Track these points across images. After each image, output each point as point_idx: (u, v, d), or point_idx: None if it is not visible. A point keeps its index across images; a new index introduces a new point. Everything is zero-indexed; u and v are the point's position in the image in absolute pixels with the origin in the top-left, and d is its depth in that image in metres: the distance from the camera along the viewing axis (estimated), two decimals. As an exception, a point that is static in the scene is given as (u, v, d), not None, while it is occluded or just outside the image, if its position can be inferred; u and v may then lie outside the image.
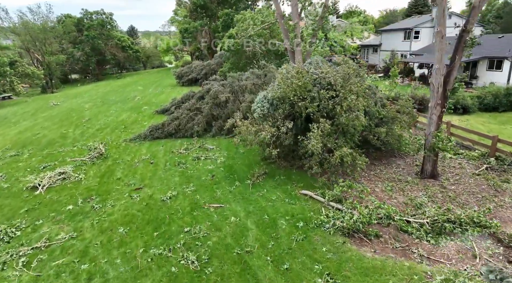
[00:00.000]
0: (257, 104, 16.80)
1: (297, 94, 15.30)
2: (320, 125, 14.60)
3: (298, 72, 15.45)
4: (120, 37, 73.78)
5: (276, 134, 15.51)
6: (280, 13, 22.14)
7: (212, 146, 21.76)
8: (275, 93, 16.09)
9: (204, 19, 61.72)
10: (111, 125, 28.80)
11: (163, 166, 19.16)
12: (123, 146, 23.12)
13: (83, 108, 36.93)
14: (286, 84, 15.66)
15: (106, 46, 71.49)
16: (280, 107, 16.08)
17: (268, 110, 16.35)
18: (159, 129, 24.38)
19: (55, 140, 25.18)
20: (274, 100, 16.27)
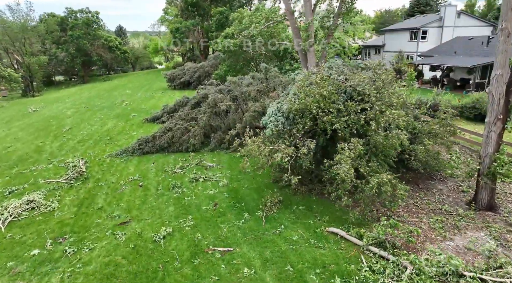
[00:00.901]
0: (269, 118, 13.89)
1: (321, 106, 12.45)
2: (350, 146, 11.78)
3: (322, 79, 12.58)
4: (107, 37, 70.16)
5: (294, 156, 12.63)
6: (289, 10, 19.33)
7: (212, 164, 18.80)
8: (292, 105, 13.19)
9: (196, 18, 58.64)
10: (95, 136, 25.62)
11: (154, 190, 16.13)
12: (107, 163, 20.02)
13: (65, 115, 33.60)
14: (306, 94, 12.80)
15: (92, 46, 67.80)
16: (299, 122, 13.17)
17: (283, 126, 13.45)
18: (149, 142, 21.33)
19: (28, 156, 21.93)
20: (290, 114, 13.37)
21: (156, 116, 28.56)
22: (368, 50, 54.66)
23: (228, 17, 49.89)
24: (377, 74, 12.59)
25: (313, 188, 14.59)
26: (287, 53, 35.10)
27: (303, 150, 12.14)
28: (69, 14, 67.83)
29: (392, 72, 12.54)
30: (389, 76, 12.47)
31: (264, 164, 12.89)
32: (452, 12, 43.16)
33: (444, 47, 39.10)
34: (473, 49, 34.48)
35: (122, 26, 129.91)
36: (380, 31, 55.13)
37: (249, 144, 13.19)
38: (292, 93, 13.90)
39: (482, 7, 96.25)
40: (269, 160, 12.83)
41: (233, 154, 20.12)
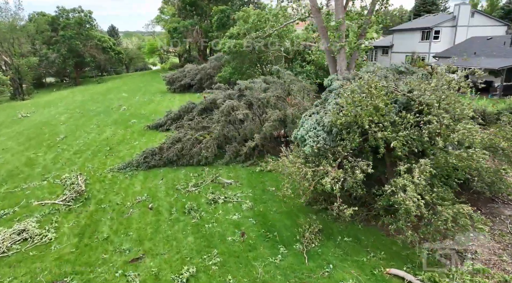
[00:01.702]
0: (307, 133, 11.81)
1: (374, 120, 10.42)
2: (415, 168, 9.77)
3: (376, 87, 10.54)
4: (100, 37, 67.61)
5: (342, 179, 10.55)
6: (315, 6, 17.32)
7: (229, 180, 16.68)
8: (336, 118, 11.11)
9: (195, 18, 56.46)
10: (93, 146, 23.34)
11: (167, 215, 13.98)
12: (109, 179, 17.80)
13: (58, 121, 31.21)
14: (356, 104, 10.75)
15: (85, 47, 65.23)
16: (345, 138, 11.11)
17: (325, 142, 11.38)
18: (155, 155, 19.14)
19: (18, 170, 19.61)
20: (334, 128, 11.31)
21: (159, 124, 26.38)
22: (375, 51, 52.90)
23: (230, 16, 47.90)
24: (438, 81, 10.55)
25: (358, 212, 12.54)
26: (297, 55, 33.12)
27: (358, 175, 10.04)
28: (61, 14, 65.26)
29: (463, 79, 10.52)
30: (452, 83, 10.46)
31: (306, 189, 10.79)
32: (466, 11, 41.53)
33: (461, 47, 37.43)
34: (494, 49, 32.82)
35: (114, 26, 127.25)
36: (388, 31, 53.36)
37: (288, 166, 11.08)
38: (333, 103, 11.84)
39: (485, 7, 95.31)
40: (311, 184, 10.75)
41: (251, 168, 18.07)
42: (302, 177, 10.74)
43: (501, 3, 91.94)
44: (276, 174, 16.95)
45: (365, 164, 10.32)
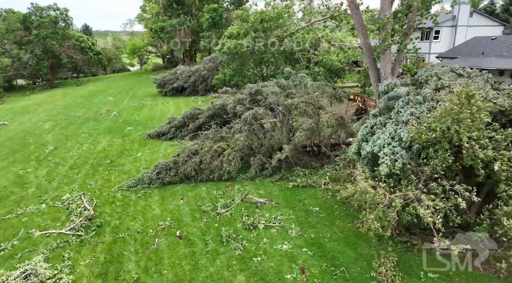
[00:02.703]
0: (380, 149, 10.08)
1: (473, 135, 8.84)
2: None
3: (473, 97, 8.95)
4: (78, 37, 64.00)
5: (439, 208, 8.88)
6: (354, 3, 15.70)
7: (262, 199, 14.81)
8: (420, 133, 9.43)
9: (181, 17, 54.00)
10: (90, 159, 20.91)
11: (202, 245, 11.97)
12: (120, 200, 15.57)
13: (42, 130, 28.36)
14: (445, 117, 9.14)
15: (62, 47, 61.53)
16: (433, 156, 9.45)
17: (404, 161, 9.69)
18: (170, 170, 17.02)
19: (7, 191, 17.01)
20: (415, 144, 9.65)
21: (161, 132, 24.17)
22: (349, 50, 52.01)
23: (223, 15, 45.90)
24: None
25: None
26: (302, 56, 31.54)
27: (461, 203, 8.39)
28: (34, 11, 61.34)
29: None
30: None
31: (391, 221, 9.01)
32: (466, 10, 41.18)
33: (466, 47, 36.84)
34: (504, 50, 32.28)
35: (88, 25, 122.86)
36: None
37: (369, 191, 9.29)
38: (408, 114, 10.20)
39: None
40: (401, 214, 9.04)
41: (282, 183, 16.25)
42: (385, 205, 9.01)
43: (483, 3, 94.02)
44: (314, 191, 15.24)
45: (463, 188, 8.71)
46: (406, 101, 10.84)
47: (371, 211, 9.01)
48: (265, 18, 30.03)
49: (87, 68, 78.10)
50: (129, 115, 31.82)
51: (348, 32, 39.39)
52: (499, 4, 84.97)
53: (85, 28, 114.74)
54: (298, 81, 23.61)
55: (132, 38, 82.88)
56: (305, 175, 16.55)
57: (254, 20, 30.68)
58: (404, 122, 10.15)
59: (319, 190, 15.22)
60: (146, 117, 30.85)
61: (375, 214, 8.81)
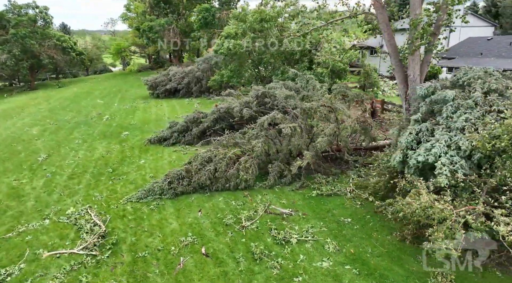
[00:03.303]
0: (436, 158, 9.39)
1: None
2: None
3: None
4: (59, 36, 61.62)
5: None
6: (379, 1, 15.10)
7: (286, 209, 14.00)
8: (483, 141, 8.78)
9: (170, 16, 52.61)
10: (89, 167, 19.64)
11: (233, 264, 11.06)
12: (131, 213, 14.46)
13: (30, 136, 26.72)
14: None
15: (42, 47, 59.09)
16: (500, 166, 8.80)
17: (464, 171, 9.04)
18: (182, 179, 15.99)
19: (3, 205, 15.60)
20: (477, 153, 9.01)
21: (163, 137, 23.03)
22: (361, 52, 51.99)
23: (215, 15, 44.89)
24: None
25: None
26: (303, 56, 30.90)
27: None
28: (11, 9, 58.73)
29: None
30: None
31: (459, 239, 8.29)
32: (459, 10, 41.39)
33: (461, 48, 37.08)
34: (502, 50, 32.57)
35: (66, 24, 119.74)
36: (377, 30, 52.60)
37: (435, 206, 8.53)
38: (463, 120, 9.59)
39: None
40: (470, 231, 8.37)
41: (304, 191, 15.48)
42: (453, 221, 8.31)
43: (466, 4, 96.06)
44: (340, 200, 14.54)
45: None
46: (456, 106, 10.25)
47: (439, 229, 8.29)
48: (265, 18, 29.25)
49: (68, 69, 75.53)
50: (122, 119, 30.44)
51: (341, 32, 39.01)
52: (481, 5, 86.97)
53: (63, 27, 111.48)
54: (305, 83, 22.96)
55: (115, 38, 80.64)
56: (327, 182, 15.84)
57: (253, 20, 29.85)
58: (459, 129, 9.54)
59: (346, 199, 14.53)
60: (141, 121, 29.57)
61: (442, 232, 8.10)
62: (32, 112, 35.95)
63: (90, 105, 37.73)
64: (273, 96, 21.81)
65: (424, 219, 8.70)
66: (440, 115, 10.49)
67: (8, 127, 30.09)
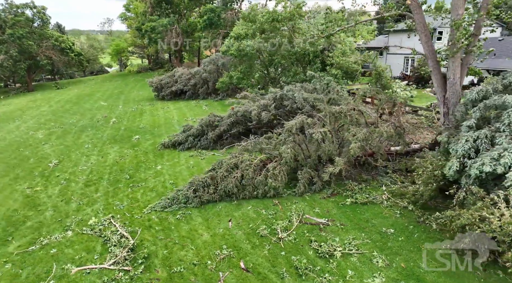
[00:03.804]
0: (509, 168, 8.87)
1: None
2: None
3: None
4: (58, 37, 60.60)
5: None
6: (416, 1, 14.61)
7: (323, 219, 13.43)
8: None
9: (171, 17, 51.82)
10: (104, 174, 18.94)
11: (278, 280, 10.45)
12: (157, 223, 13.80)
13: (37, 140, 25.93)
14: None
15: (40, 48, 58.10)
16: None
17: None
18: (208, 186, 15.36)
19: (20, 215, 14.89)
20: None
21: (177, 141, 22.35)
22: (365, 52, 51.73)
23: (221, 15, 44.27)
24: None
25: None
26: (315, 57, 30.39)
27: None
28: (8, 9, 57.64)
29: None
30: None
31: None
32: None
33: (472, 50, 36.78)
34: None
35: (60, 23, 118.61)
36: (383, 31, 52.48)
37: None
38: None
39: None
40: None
41: (337, 199, 14.91)
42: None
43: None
44: (377, 208, 14.00)
45: None
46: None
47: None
48: (277, 18, 28.70)
49: (65, 70, 74.44)
50: (130, 122, 29.71)
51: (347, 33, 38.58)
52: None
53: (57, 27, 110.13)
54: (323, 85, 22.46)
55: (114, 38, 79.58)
56: (360, 189, 15.28)
57: (264, 20, 29.29)
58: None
59: (382, 207, 13.99)
60: (150, 124, 28.84)
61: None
62: (34, 115, 35.10)
63: (94, 108, 36.93)
64: (292, 99, 21.36)
65: (502, 236, 8.19)
66: (500, 121, 10.00)
67: (11, 130, 29.24)
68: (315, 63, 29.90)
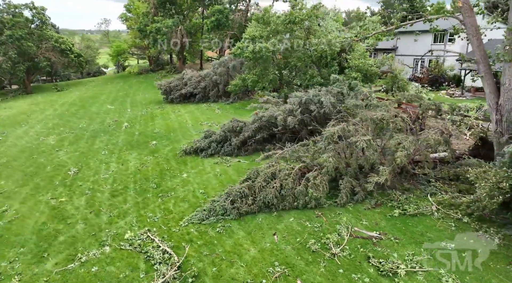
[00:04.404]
0: None
1: None
2: None
3: None
4: (58, 37, 59.43)
5: None
6: (468, 3, 14.19)
7: (374, 232, 12.90)
8: None
9: (175, 17, 51.00)
10: (128, 182, 18.25)
11: (344, 300, 9.91)
12: (197, 237, 13.15)
13: (49, 146, 25.08)
14: None
15: (39, 49, 56.90)
16: None
17: None
18: (246, 197, 14.76)
19: (51, 229, 14.13)
20: None
21: (199, 147, 21.71)
22: (374, 54, 51.48)
23: (229, 17, 43.67)
24: None
25: None
26: (332, 60, 29.92)
27: None
28: (6, 9, 56.44)
29: None
30: None
31: None
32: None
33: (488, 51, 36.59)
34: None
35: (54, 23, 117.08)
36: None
37: None
38: None
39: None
40: None
41: (383, 210, 14.38)
42: None
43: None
44: (429, 220, 13.50)
45: None
46: None
47: None
48: (294, 20, 28.20)
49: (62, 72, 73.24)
50: (143, 127, 28.96)
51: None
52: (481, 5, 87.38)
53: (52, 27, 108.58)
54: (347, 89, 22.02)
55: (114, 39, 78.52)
56: (405, 199, 14.77)
57: (280, 22, 28.80)
58: None
59: (434, 219, 13.49)
60: (164, 129, 28.10)
61: None
62: (40, 119, 34.15)
63: (102, 111, 36.10)
64: (319, 104, 20.87)
65: None
66: None
67: (20, 136, 28.33)
68: (332, 66, 29.42)
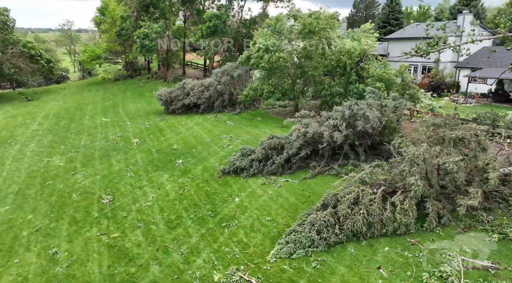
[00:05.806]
0: None
1: None
2: None
3: None
4: (25, 42, 55.19)
5: None
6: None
7: (486, 261, 12.46)
8: None
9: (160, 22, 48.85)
10: (178, 210, 16.79)
11: None
12: (295, 275, 12.10)
13: (60, 168, 22.78)
14: None
15: (5, 55, 52.55)
16: None
17: None
18: (332, 225, 13.91)
19: (118, 271, 12.50)
20: None
21: (239, 167, 20.53)
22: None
23: (226, 22, 42.44)
24: None
25: None
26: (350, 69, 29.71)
27: None
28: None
29: None
30: None
31: None
32: (469, 20, 42.95)
33: (482, 58, 38.12)
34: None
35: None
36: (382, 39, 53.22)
37: None
38: None
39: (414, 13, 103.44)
40: None
41: (477, 234, 14.02)
42: None
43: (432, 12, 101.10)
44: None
45: None
46: None
47: None
48: (314, 30, 27.71)
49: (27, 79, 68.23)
50: (157, 143, 27.15)
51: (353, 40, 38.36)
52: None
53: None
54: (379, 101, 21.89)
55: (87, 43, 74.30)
56: (495, 221, 14.54)
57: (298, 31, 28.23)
58: None
59: (534, 241, 13.35)
60: (181, 144, 26.43)
61: None
62: (29, 136, 31.28)
63: (98, 125, 33.66)
64: (364, 118, 20.46)
65: None
66: None
67: (17, 157, 25.63)
68: (350, 76, 29.21)
